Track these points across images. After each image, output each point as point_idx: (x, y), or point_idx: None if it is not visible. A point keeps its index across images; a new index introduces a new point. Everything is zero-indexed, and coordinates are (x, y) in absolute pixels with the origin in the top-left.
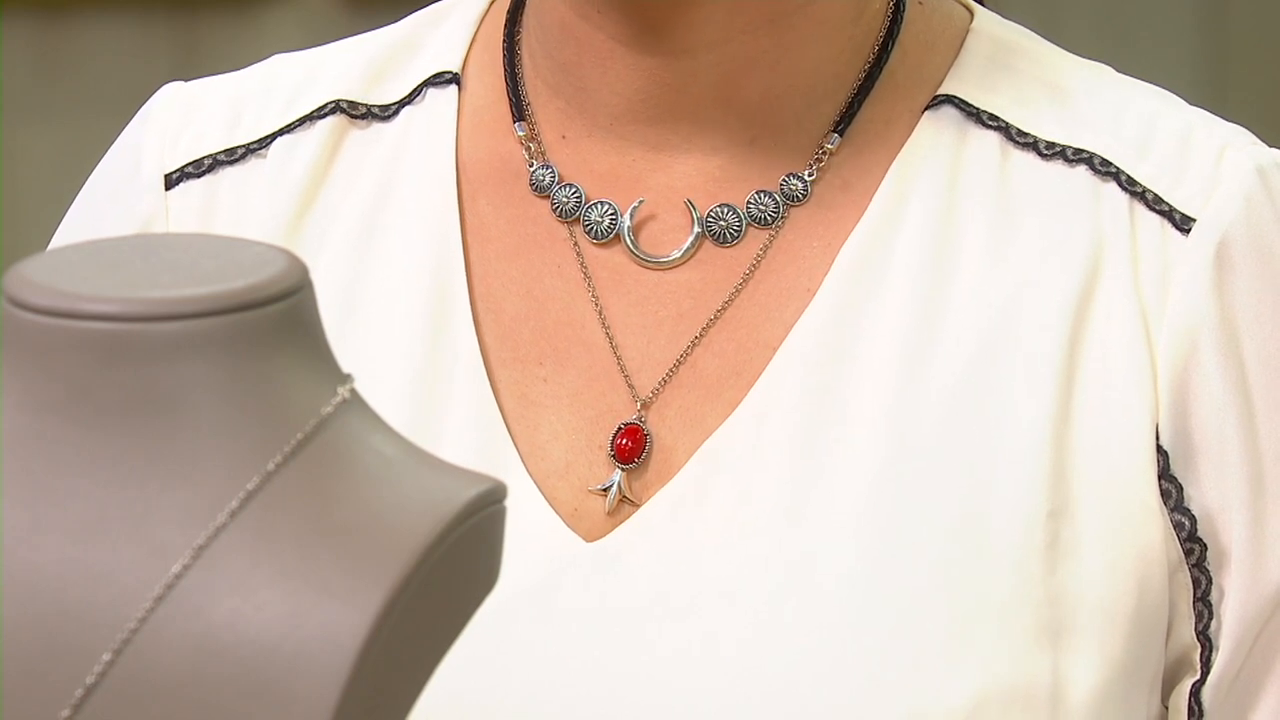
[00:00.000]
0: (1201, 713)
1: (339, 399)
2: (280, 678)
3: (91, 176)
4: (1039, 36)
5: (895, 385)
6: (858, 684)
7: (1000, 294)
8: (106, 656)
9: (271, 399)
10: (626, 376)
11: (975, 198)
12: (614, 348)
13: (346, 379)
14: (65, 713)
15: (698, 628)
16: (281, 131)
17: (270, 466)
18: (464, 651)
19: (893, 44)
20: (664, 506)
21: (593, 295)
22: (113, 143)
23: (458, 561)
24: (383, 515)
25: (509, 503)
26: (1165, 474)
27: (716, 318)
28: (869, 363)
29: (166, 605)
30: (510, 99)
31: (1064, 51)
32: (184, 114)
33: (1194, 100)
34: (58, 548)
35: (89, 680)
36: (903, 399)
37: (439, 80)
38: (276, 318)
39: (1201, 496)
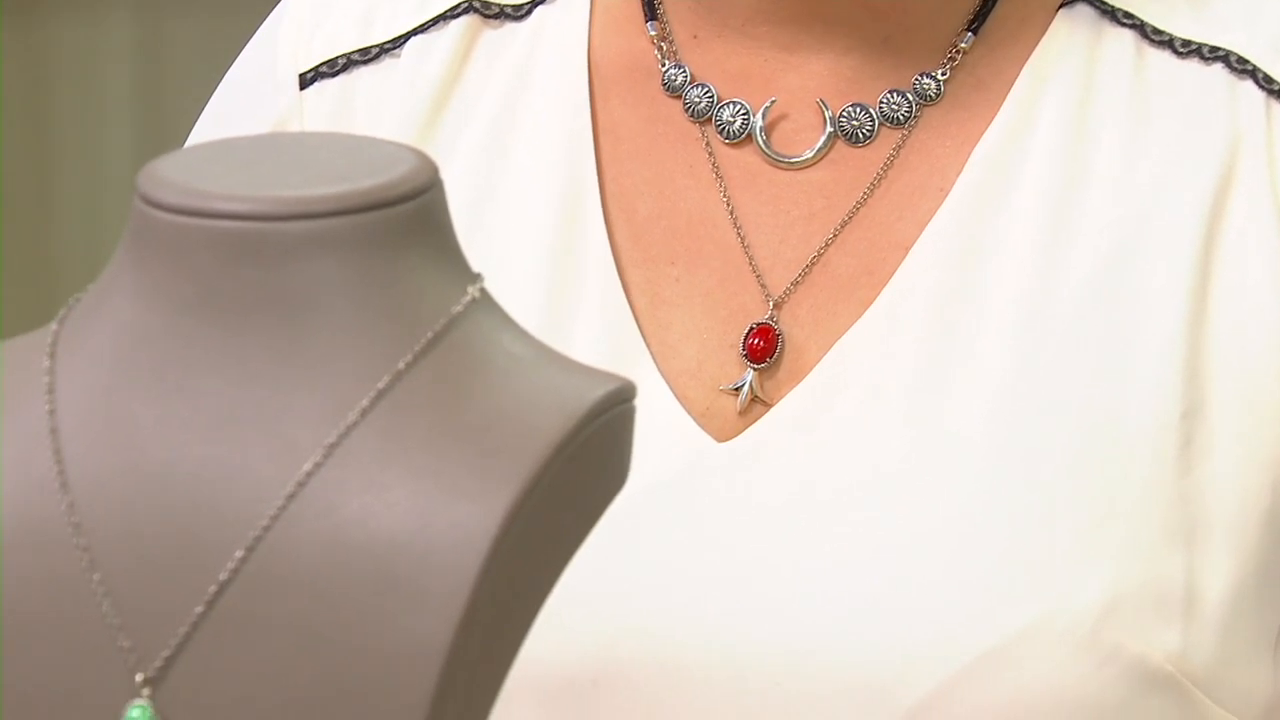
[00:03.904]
0: None
1: (469, 298)
2: (412, 574)
3: (227, 74)
4: None
5: (1028, 285)
6: (990, 584)
7: (1134, 193)
8: (239, 553)
9: (402, 298)
10: (758, 276)
11: (1110, 96)
12: (746, 247)
13: (476, 278)
14: (199, 608)
15: (828, 527)
16: (415, 31)
17: (400, 365)
18: (595, 548)
19: None
20: (796, 406)
21: (724, 195)
22: (250, 37)
23: (587, 460)
24: (512, 414)
25: (640, 402)
26: None
27: (849, 217)
28: (1002, 262)
29: (298, 503)
30: None
31: None
32: (319, 12)
33: None
34: (190, 446)
35: (222, 577)
36: (1035, 298)
37: None
38: (406, 217)
39: None
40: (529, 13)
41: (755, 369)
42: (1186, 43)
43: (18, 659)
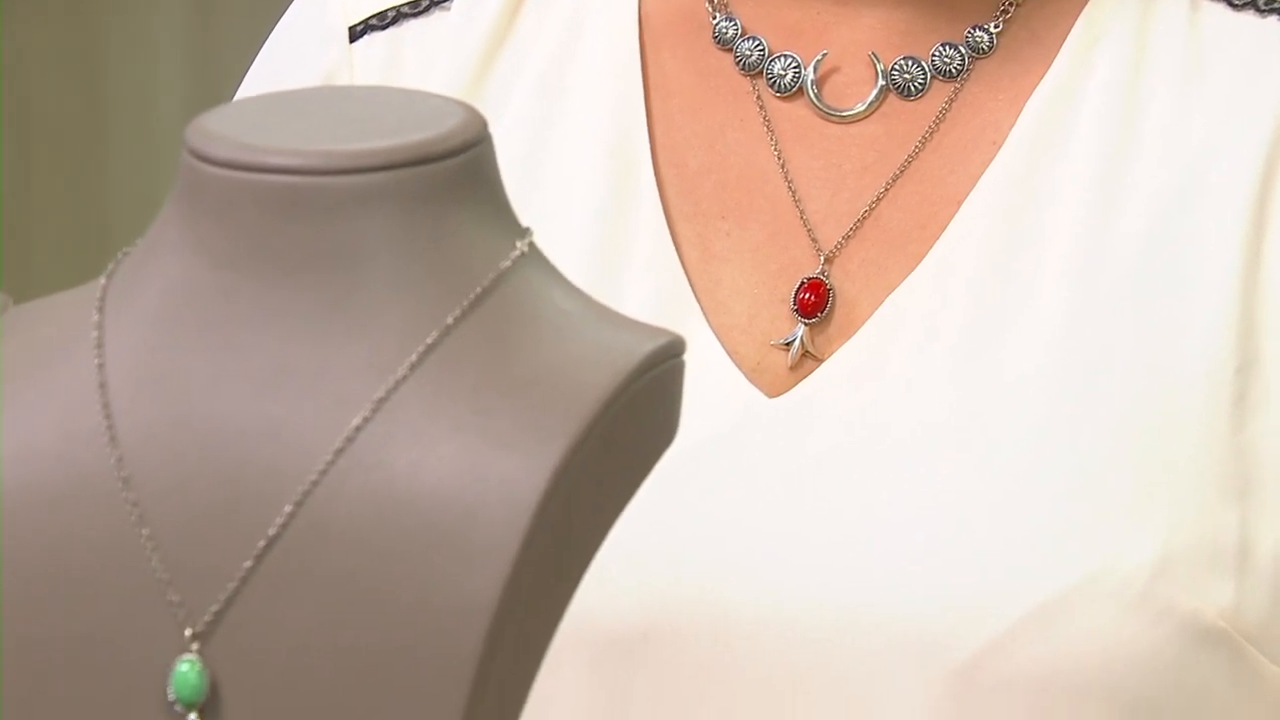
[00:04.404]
0: None
1: (517, 253)
2: (460, 529)
3: (277, 27)
4: None
5: (1081, 239)
6: (1042, 539)
7: (1189, 147)
8: (288, 508)
9: (450, 253)
10: (809, 230)
11: (1164, 49)
12: (797, 201)
13: (525, 233)
14: (248, 563)
15: (879, 482)
16: None
17: (449, 320)
18: (644, 503)
19: None
20: (847, 361)
21: (776, 149)
22: None
23: (636, 415)
24: (561, 369)
25: (690, 357)
26: None
27: (901, 171)
28: (1054, 216)
29: (346, 458)
30: None
31: None
32: None
33: None
34: (238, 401)
35: (271, 531)
36: (1088, 253)
37: None
38: (455, 171)
39: None
40: None
41: (806, 324)
42: None
43: (67, 612)
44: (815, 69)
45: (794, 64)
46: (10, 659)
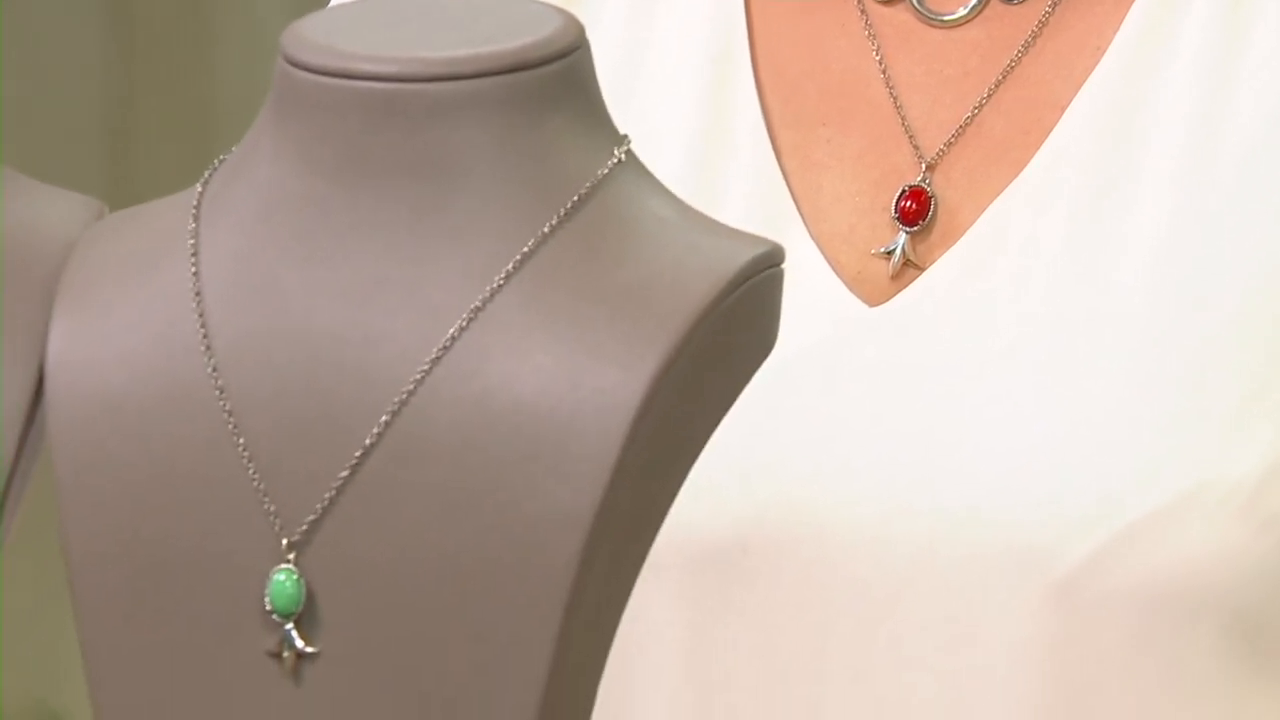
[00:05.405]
0: None
1: (615, 160)
2: (557, 440)
3: None
4: None
5: (1187, 144)
6: (1146, 450)
7: None
8: (384, 418)
9: (547, 161)
10: (911, 137)
11: None
12: (898, 108)
13: (623, 140)
14: (344, 473)
15: (983, 391)
16: None
17: (545, 229)
18: (743, 414)
19: None
20: (949, 269)
21: (877, 54)
22: None
23: (735, 325)
24: (659, 278)
25: (790, 266)
26: None
27: (1004, 76)
28: (1160, 121)
29: (443, 367)
30: None
31: None
32: None
33: None
34: (333, 310)
35: (367, 441)
36: (1195, 158)
37: None
38: (552, 78)
39: None
40: None
41: (907, 232)
42: None
43: (165, 520)
44: None
45: None
46: (108, 566)
